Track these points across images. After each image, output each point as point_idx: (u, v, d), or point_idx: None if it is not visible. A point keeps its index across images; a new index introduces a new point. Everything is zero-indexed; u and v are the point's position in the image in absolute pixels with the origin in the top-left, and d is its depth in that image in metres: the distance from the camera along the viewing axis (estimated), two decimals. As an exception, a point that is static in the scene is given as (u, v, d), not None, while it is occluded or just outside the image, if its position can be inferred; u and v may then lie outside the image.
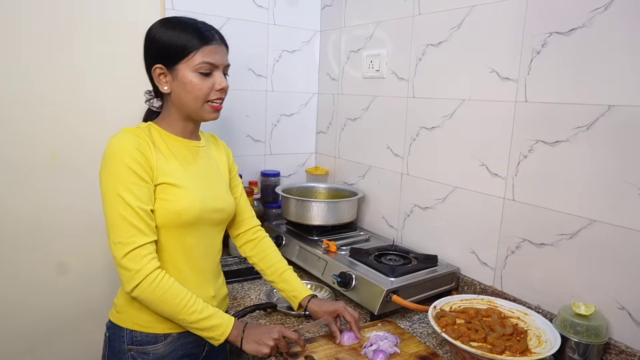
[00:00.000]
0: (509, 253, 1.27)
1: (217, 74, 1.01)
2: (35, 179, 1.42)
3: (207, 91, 1.00)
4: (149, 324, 1.00)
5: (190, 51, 0.97)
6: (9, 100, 1.35)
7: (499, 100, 1.26)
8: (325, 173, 1.97)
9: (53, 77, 1.41)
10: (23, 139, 1.39)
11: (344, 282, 1.29)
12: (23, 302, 1.46)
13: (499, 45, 1.24)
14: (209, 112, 1.03)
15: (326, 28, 1.91)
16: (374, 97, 1.69)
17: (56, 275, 1.50)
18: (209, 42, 0.99)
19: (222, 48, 1.03)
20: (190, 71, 0.98)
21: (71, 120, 1.45)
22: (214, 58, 0.99)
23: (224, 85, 1.02)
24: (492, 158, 1.29)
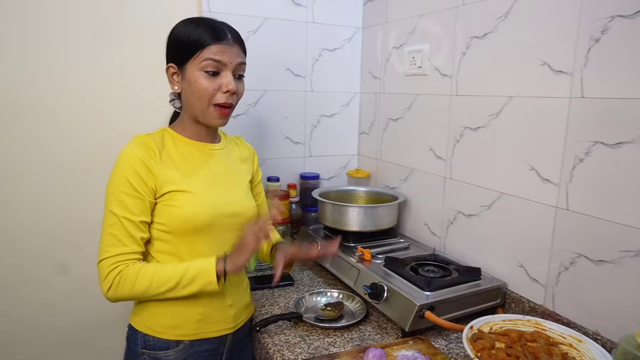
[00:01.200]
0: (562, 269, 1.12)
1: (225, 75, 0.97)
2: (80, 180, 1.48)
3: (212, 92, 0.96)
4: (161, 329, 1.00)
5: (198, 49, 0.95)
6: (53, 103, 1.41)
7: (551, 97, 1.11)
8: (367, 176, 1.89)
9: (95, 79, 1.45)
10: (68, 141, 1.45)
11: (375, 294, 1.21)
12: (74, 295, 1.52)
13: (551, 35, 1.10)
14: (214, 117, 0.99)
15: (368, 24, 1.83)
16: (416, 96, 1.59)
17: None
18: (218, 40, 0.95)
19: (234, 48, 0.98)
20: (196, 70, 0.96)
21: (114, 122, 1.49)
22: (220, 56, 0.95)
23: (230, 88, 0.97)
24: (544, 162, 1.15)
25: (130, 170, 0.93)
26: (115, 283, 0.92)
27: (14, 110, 1.37)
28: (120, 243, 0.93)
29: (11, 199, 1.41)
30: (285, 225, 1.69)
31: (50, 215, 1.46)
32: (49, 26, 1.37)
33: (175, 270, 0.94)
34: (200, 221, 0.97)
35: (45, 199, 1.45)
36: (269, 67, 1.71)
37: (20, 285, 1.45)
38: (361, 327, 1.20)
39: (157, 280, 0.92)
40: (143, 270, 0.93)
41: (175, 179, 0.97)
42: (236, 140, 1.20)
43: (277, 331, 1.16)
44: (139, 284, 0.92)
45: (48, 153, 1.43)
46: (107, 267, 0.92)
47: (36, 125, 1.40)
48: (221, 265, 0.95)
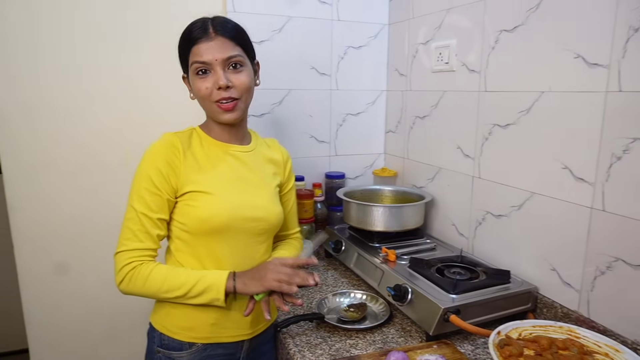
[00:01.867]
0: (597, 273, 1.06)
1: (215, 72, 0.96)
2: (111, 182, 1.51)
3: (208, 92, 0.97)
4: (176, 329, 1.00)
5: (187, 54, 0.98)
6: (82, 102, 1.45)
7: (585, 91, 1.05)
8: (394, 175, 1.85)
9: (124, 78, 1.48)
10: (96, 140, 1.49)
11: (399, 296, 1.18)
12: (104, 295, 1.56)
13: (586, 25, 1.04)
14: (219, 114, 0.99)
15: (395, 20, 1.79)
16: (443, 93, 1.54)
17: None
18: (197, 40, 0.96)
19: (216, 42, 0.95)
20: (192, 75, 0.98)
21: (142, 120, 1.52)
22: (203, 56, 0.95)
23: (220, 83, 0.95)
24: (578, 160, 1.09)
25: (154, 167, 0.95)
26: (127, 278, 0.94)
27: (57, 110, 1.42)
28: (136, 238, 0.95)
29: (54, 197, 1.46)
30: (309, 225, 1.68)
31: (82, 210, 1.50)
32: (73, 30, 1.41)
33: (187, 278, 0.94)
34: (218, 223, 0.97)
35: (85, 196, 1.49)
36: (293, 66, 1.70)
37: (49, 286, 1.50)
38: (384, 330, 1.17)
39: (167, 285, 0.94)
40: (155, 271, 0.94)
41: (197, 179, 0.98)
42: (269, 143, 1.18)
43: (298, 332, 1.15)
44: (150, 284, 0.93)
45: (89, 151, 1.48)
46: (122, 260, 0.95)
47: (77, 125, 1.45)
48: (231, 284, 0.95)
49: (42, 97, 1.40)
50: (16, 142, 1.39)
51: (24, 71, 1.37)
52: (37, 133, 1.41)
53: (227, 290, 0.94)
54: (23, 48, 1.36)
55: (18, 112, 1.38)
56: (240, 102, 1.00)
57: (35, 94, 1.39)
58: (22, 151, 1.40)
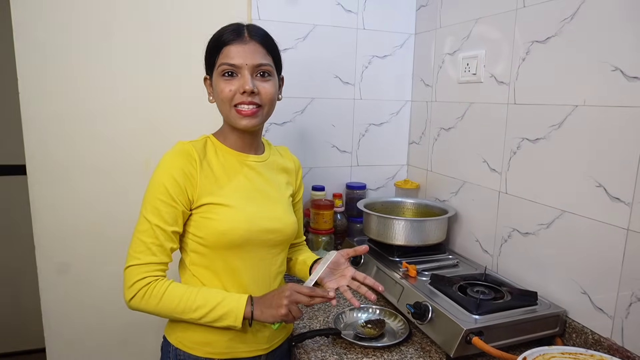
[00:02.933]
0: (633, 300, 1.00)
1: (242, 76, 0.94)
2: (132, 186, 1.52)
3: (231, 94, 0.94)
4: (192, 344, 0.98)
5: (217, 54, 0.95)
6: (104, 110, 1.46)
7: (623, 106, 1.00)
8: (416, 187, 1.81)
9: (145, 87, 1.49)
10: (119, 148, 1.49)
11: (419, 314, 1.14)
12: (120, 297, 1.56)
13: (625, 38, 0.99)
14: (237, 118, 0.96)
15: (421, 30, 1.76)
16: (469, 104, 1.50)
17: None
18: (232, 41, 0.94)
19: (251, 47, 0.94)
20: (217, 76, 0.96)
21: (162, 129, 1.52)
22: (232, 58, 0.93)
23: (246, 88, 0.93)
24: (613, 178, 1.03)
25: (169, 177, 0.92)
26: (140, 295, 0.91)
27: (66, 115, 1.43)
28: (149, 251, 0.92)
29: (77, 199, 1.47)
30: (329, 236, 1.65)
31: (101, 216, 1.51)
32: (100, 37, 1.42)
33: (205, 301, 0.92)
34: (237, 236, 0.95)
35: (107, 200, 1.50)
36: (317, 75, 1.68)
37: (70, 286, 1.51)
38: (402, 349, 1.13)
39: (182, 307, 0.91)
40: (170, 290, 0.91)
41: (214, 190, 0.95)
42: (281, 152, 1.16)
43: (313, 347, 1.12)
44: (164, 304, 0.91)
45: (98, 159, 1.48)
46: (134, 275, 0.91)
47: (87, 133, 1.46)
48: (249, 310, 0.93)
49: (70, 103, 1.42)
50: (42, 145, 1.41)
51: (53, 76, 1.39)
52: (63, 137, 1.43)
53: (245, 317, 0.92)
54: (55, 53, 1.38)
55: (45, 116, 1.40)
56: (262, 111, 0.98)
57: (63, 99, 1.41)
58: (47, 155, 1.42)
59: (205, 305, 0.91)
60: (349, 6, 1.68)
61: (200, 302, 0.91)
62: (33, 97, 1.38)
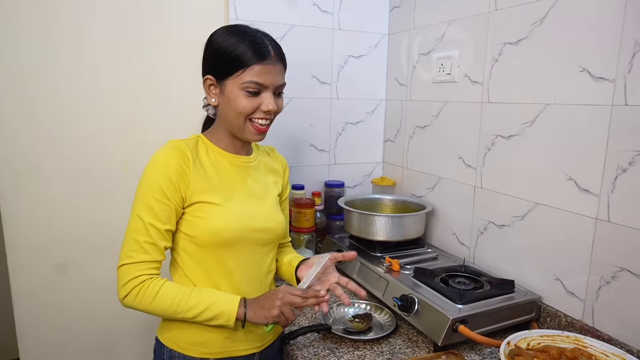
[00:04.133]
0: (602, 283, 1.08)
1: (266, 95, 0.95)
2: (109, 187, 1.49)
3: (251, 110, 0.95)
4: (187, 345, 0.98)
5: (240, 67, 0.92)
6: (83, 113, 1.42)
7: (591, 104, 1.07)
8: (393, 184, 1.86)
9: (123, 88, 1.46)
10: (97, 149, 1.46)
11: (406, 306, 1.18)
12: (97, 304, 1.52)
13: (592, 40, 1.06)
14: (252, 133, 0.98)
15: (395, 31, 1.81)
16: (444, 103, 1.56)
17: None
18: (261, 60, 0.93)
19: (277, 67, 0.96)
20: (237, 88, 0.94)
21: (141, 130, 1.50)
22: (263, 78, 0.93)
23: (270, 108, 0.95)
24: (582, 171, 1.11)
25: (163, 175, 0.91)
26: (134, 292, 0.90)
27: (42, 118, 1.38)
28: (142, 250, 0.91)
29: (48, 209, 1.42)
30: (310, 234, 1.67)
31: (77, 222, 1.47)
32: (78, 37, 1.39)
33: (198, 302, 0.92)
34: (229, 235, 0.96)
35: (73, 207, 1.45)
36: (294, 75, 1.68)
37: (47, 292, 1.46)
38: (391, 340, 1.17)
39: (175, 306, 0.91)
40: (164, 290, 0.91)
41: (206, 189, 0.96)
42: (268, 151, 1.17)
43: (305, 343, 1.14)
44: (158, 303, 0.91)
45: (76, 159, 1.44)
46: (128, 273, 0.90)
47: (65, 134, 1.41)
48: (242, 312, 0.94)
49: (43, 103, 1.37)
50: (14, 146, 1.36)
51: (25, 75, 1.34)
52: (36, 138, 1.38)
53: (238, 318, 0.94)
54: (26, 50, 1.33)
55: (17, 116, 1.35)
56: (270, 125, 1.01)
57: (36, 98, 1.36)
58: (19, 157, 1.37)
59: (198, 306, 0.92)
60: (325, 7, 1.71)
61: (194, 302, 0.92)
62: (6, 97, 1.33)
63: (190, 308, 0.91)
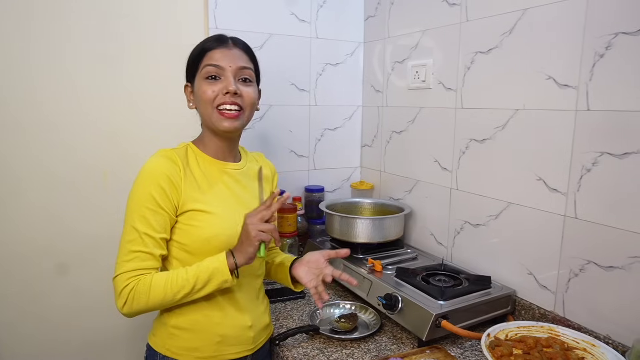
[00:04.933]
0: (571, 276, 1.16)
1: (226, 78, 0.98)
2: (89, 198, 1.47)
3: (213, 95, 0.98)
4: (179, 350, 0.99)
5: (201, 58, 0.99)
6: (63, 123, 1.41)
7: (557, 109, 1.16)
8: (371, 188, 1.91)
9: (103, 99, 1.46)
10: (77, 160, 1.45)
11: (390, 305, 1.23)
12: (83, 313, 1.51)
13: (556, 50, 1.15)
14: (219, 120, 0.99)
15: (370, 39, 1.87)
16: (420, 109, 1.62)
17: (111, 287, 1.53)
18: (216, 47, 0.99)
19: (234, 52, 1.00)
20: (201, 79, 0.99)
21: (121, 141, 1.50)
22: (220, 61, 0.98)
23: (230, 88, 0.97)
24: (551, 172, 1.18)
25: (155, 185, 0.93)
26: (129, 299, 0.91)
27: (21, 128, 1.36)
28: (138, 259, 0.92)
29: (18, 216, 1.40)
30: (292, 238, 1.70)
31: (57, 232, 1.45)
32: (58, 46, 1.38)
33: (188, 274, 0.92)
34: (221, 242, 0.97)
35: (52, 216, 1.44)
36: (274, 82, 1.73)
37: (27, 303, 1.43)
38: (377, 338, 1.21)
39: (171, 289, 0.91)
40: (155, 280, 0.92)
41: (197, 197, 0.97)
42: (257, 158, 1.20)
43: (294, 344, 1.17)
44: (154, 295, 0.91)
45: (56, 169, 1.42)
46: (121, 282, 0.91)
47: (44, 144, 1.40)
48: (231, 260, 0.94)
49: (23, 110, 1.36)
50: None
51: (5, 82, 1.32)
52: (17, 147, 1.36)
53: (231, 268, 0.93)
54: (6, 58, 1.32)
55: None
56: (243, 114, 1.01)
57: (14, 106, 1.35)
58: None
59: (190, 277, 0.92)
60: (303, 16, 1.75)
61: (184, 277, 0.92)
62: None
63: (183, 284, 0.91)
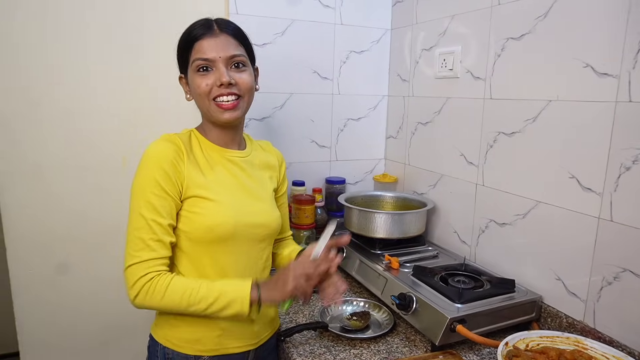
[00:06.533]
0: (604, 284, 1.06)
1: (217, 69, 0.94)
2: (108, 183, 1.48)
3: (208, 88, 0.94)
4: (181, 342, 0.97)
5: (189, 51, 0.95)
6: (82, 109, 1.42)
7: (594, 101, 1.05)
8: (394, 181, 1.84)
9: (120, 85, 1.45)
10: (96, 146, 1.45)
11: (403, 305, 1.17)
12: (97, 299, 1.53)
13: (596, 35, 1.04)
14: (217, 112, 0.96)
15: (397, 26, 1.78)
16: (446, 99, 1.53)
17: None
18: (200, 37, 0.94)
19: (224, 39, 0.94)
20: (193, 72, 0.95)
21: (140, 127, 1.49)
22: (208, 53, 0.93)
23: (223, 80, 0.92)
24: (585, 169, 1.08)
25: (159, 169, 0.90)
26: (144, 291, 0.88)
27: (40, 115, 1.38)
28: (148, 248, 0.89)
29: (48, 199, 1.42)
30: (310, 231, 1.66)
31: (76, 218, 1.47)
32: (77, 34, 1.38)
33: (209, 291, 0.89)
34: (224, 231, 0.94)
35: (72, 203, 1.45)
36: (295, 70, 1.68)
37: (42, 289, 1.46)
38: (388, 339, 1.16)
39: (187, 300, 0.88)
40: (173, 284, 0.89)
41: (200, 182, 0.94)
42: (263, 146, 1.16)
43: (302, 341, 1.13)
44: (169, 298, 0.88)
45: (75, 157, 1.43)
46: (135, 273, 0.88)
47: (63, 131, 1.41)
48: (255, 294, 0.90)
49: (43, 100, 1.37)
50: (13, 144, 1.36)
51: (24, 73, 1.34)
52: (36, 135, 1.38)
53: (252, 302, 0.89)
54: (26, 49, 1.33)
55: (16, 114, 1.35)
56: (242, 102, 0.97)
57: (33, 96, 1.36)
58: (19, 153, 1.37)
59: (209, 296, 0.88)
60: (327, 1, 1.69)
61: (204, 293, 0.89)
62: (3, 95, 1.32)
63: (201, 299, 0.88)
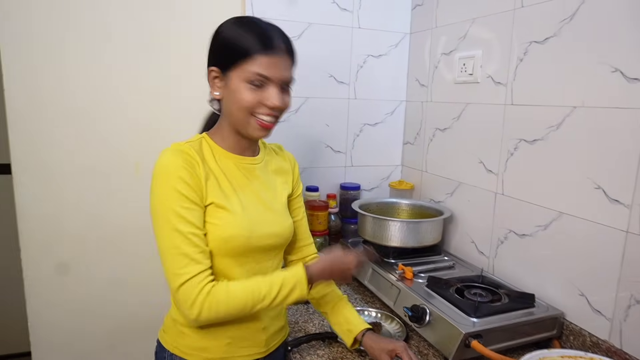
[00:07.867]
0: (632, 302, 0.99)
1: (271, 89, 0.89)
2: (121, 187, 1.48)
3: (255, 104, 0.89)
4: (188, 350, 0.95)
5: (245, 57, 0.87)
6: (96, 113, 1.42)
7: (624, 107, 0.99)
8: (411, 188, 1.79)
9: (137, 89, 1.45)
10: (110, 151, 1.46)
11: (416, 317, 1.12)
12: (107, 301, 1.53)
13: (625, 39, 0.98)
14: (255, 129, 0.92)
15: (417, 30, 1.75)
16: (466, 105, 1.49)
17: (140, 277, 1.54)
18: (268, 51, 0.87)
19: (285, 60, 0.90)
20: (241, 80, 0.88)
21: (154, 133, 1.49)
22: (269, 71, 0.87)
23: (275, 104, 0.89)
24: (612, 180, 1.02)
25: (178, 180, 0.86)
26: (206, 307, 0.85)
27: (55, 117, 1.38)
28: (194, 261, 0.86)
29: (63, 200, 1.43)
30: (323, 237, 1.63)
31: (89, 220, 1.47)
32: (92, 37, 1.38)
33: (270, 286, 0.89)
34: (239, 243, 0.92)
35: (85, 204, 1.46)
36: (311, 74, 1.66)
37: (54, 290, 1.46)
38: (400, 352, 1.11)
39: (252, 301, 0.87)
40: (231, 291, 0.87)
41: (216, 192, 0.91)
42: (276, 150, 1.12)
43: (309, 351, 1.10)
44: (232, 305, 0.86)
45: (89, 159, 1.44)
46: (191, 292, 0.84)
47: (78, 134, 1.41)
48: (309, 275, 0.93)
49: (58, 101, 1.38)
50: (28, 144, 1.37)
51: (41, 74, 1.35)
52: (51, 136, 1.39)
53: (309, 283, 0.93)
54: (42, 50, 1.34)
55: (31, 114, 1.36)
56: (277, 123, 0.95)
57: (51, 97, 1.37)
58: (33, 153, 1.38)
59: (272, 290, 0.89)
60: (345, 4, 1.66)
61: (266, 290, 0.88)
62: (19, 95, 1.34)
63: (264, 296, 0.88)
